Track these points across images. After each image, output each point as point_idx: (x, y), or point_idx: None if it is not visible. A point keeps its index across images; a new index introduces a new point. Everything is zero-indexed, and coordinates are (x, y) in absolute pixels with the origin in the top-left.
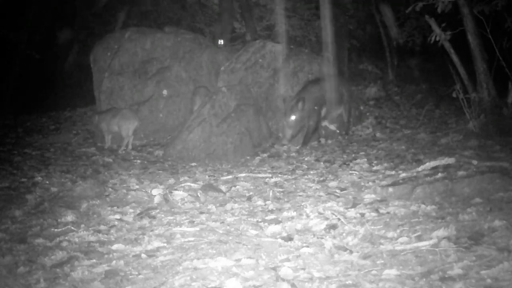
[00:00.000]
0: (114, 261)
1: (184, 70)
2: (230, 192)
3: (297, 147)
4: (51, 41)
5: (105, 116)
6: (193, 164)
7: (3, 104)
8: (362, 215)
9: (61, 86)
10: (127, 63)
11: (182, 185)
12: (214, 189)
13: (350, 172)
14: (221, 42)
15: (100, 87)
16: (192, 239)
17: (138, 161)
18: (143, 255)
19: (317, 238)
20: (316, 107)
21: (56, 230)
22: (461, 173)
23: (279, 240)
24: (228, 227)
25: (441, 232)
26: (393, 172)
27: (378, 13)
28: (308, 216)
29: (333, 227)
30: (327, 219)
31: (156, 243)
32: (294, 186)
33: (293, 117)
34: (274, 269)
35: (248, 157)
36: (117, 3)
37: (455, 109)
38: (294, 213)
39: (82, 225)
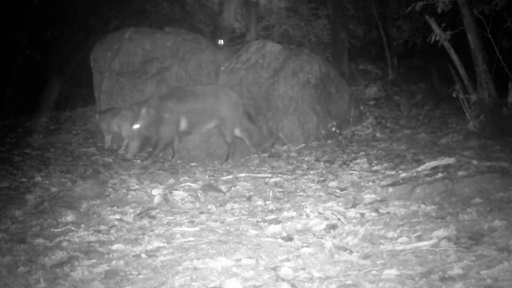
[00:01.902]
0: (114, 261)
1: (184, 70)
2: (230, 192)
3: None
4: (51, 41)
5: (105, 116)
6: (193, 164)
7: (3, 104)
8: (362, 215)
9: (61, 86)
10: (127, 63)
11: (182, 185)
12: (214, 189)
13: (350, 172)
14: (221, 42)
15: (100, 87)
16: (192, 239)
17: (138, 161)
18: (143, 255)
19: (317, 238)
20: (166, 115)
21: (56, 230)
22: (461, 173)
23: (279, 240)
24: (228, 227)
25: (441, 232)
26: (393, 172)
27: (378, 13)
28: (308, 216)
29: (333, 227)
30: (327, 219)
31: (156, 243)
32: (294, 186)
33: (136, 126)
34: (274, 269)
35: (248, 157)
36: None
37: (455, 109)
38: (294, 213)
39: (82, 225)
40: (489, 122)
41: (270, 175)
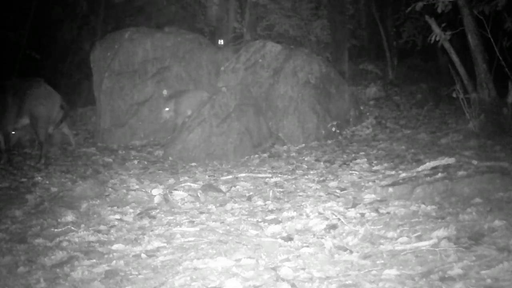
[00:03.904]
0: (114, 261)
1: (184, 70)
2: (230, 192)
3: None
4: (51, 41)
5: None
6: (193, 164)
7: None
8: (362, 215)
9: (61, 86)
10: (127, 63)
11: (182, 185)
12: (214, 189)
13: (350, 172)
14: (221, 42)
15: (100, 87)
16: (192, 239)
17: (138, 161)
18: (143, 255)
19: (317, 238)
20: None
21: (56, 230)
22: (461, 173)
23: (279, 240)
24: (228, 227)
25: (441, 232)
26: (393, 172)
27: (378, 13)
28: (308, 216)
29: (333, 227)
30: (327, 219)
31: (156, 243)
32: (294, 186)
33: None
34: (274, 269)
35: (248, 157)
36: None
37: (455, 109)
38: (294, 213)
39: (82, 225)
40: (489, 122)
41: (270, 175)
